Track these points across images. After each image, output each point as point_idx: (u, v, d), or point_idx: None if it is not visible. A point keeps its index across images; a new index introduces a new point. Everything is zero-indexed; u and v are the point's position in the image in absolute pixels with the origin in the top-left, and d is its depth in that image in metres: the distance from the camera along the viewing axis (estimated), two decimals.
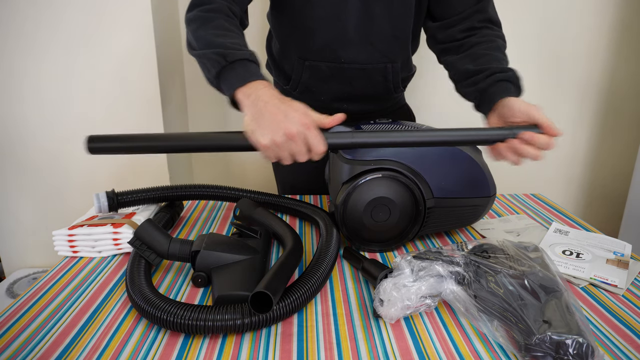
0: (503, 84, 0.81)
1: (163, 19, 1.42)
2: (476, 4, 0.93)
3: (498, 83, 0.81)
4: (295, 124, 0.66)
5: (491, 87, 0.82)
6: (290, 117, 0.67)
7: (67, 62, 1.34)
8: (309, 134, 0.67)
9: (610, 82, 1.76)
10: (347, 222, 0.79)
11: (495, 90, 0.81)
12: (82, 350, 0.55)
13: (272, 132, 0.66)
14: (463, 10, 0.93)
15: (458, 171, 0.81)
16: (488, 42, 0.90)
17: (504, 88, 0.80)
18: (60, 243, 0.79)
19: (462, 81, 0.89)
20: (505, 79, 0.81)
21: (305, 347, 0.56)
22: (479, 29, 0.92)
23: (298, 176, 1.17)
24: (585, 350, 0.50)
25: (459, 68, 0.90)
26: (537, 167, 1.86)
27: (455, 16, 0.94)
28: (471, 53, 0.90)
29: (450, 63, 0.94)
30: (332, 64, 1.01)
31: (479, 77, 0.84)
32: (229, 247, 0.70)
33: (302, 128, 0.66)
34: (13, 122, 1.39)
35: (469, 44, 0.92)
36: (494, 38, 0.91)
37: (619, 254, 0.79)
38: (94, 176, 1.45)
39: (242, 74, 0.73)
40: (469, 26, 0.93)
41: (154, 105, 1.39)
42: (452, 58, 0.94)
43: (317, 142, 0.67)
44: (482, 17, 0.93)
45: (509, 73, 0.82)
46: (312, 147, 0.68)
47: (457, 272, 0.63)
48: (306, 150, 0.68)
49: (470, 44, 0.91)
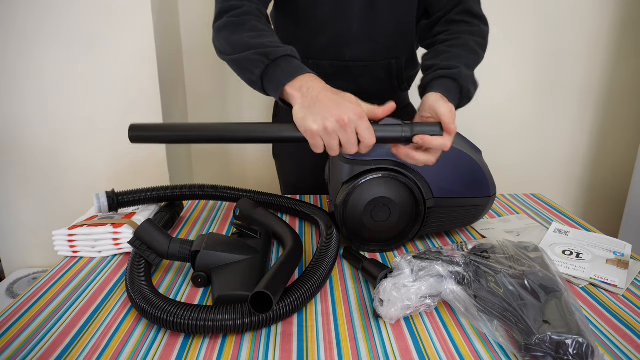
0: (441, 80, 0.79)
1: (163, 19, 1.42)
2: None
3: (437, 79, 0.79)
4: (348, 112, 0.65)
5: (430, 83, 0.80)
6: (344, 106, 0.66)
7: (68, 62, 1.34)
8: (361, 124, 0.66)
9: (610, 82, 1.76)
10: (347, 222, 0.79)
11: (431, 85, 0.78)
12: (82, 350, 0.55)
13: (323, 118, 0.65)
14: (444, 5, 0.93)
15: (458, 171, 0.81)
16: (455, 39, 0.88)
17: (440, 84, 0.78)
18: (60, 243, 0.79)
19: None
20: (446, 76, 0.79)
21: (305, 347, 0.56)
22: (456, 22, 0.91)
23: (301, 176, 1.17)
24: (585, 350, 0.50)
25: (422, 64, 0.89)
26: (537, 167, 1.87)
27: (438, 12, 0.94)
28: (435, 49, 0.88)
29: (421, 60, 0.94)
30: (337, 62, 1.01)
31: (427, 73, 0.83)
32: (229, 247, 0.70)
33: (355, 117, 0.65)
34: (14, 122, 1.39)
35: (438, 41, 0.90)
36: (463, 35, 0.88)
37: (619, 254, 0.79)
38: (94, 176, 1.45)
39: (289, 70, 0.72)
40: (447, 20, 0.92)
41: (154, 105, 1.39)
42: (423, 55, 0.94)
43: (369, 133, 0.66)
44: (460, 10, 0.91)
45: (452, 70, 0.79)
46: (363, 138, 0.66)
47: (457, 272, 0.63)
48: (356, 140, 0.66)
49: (438, 42, 0.90)
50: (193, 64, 1.66)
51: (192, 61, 1.65)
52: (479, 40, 0.89)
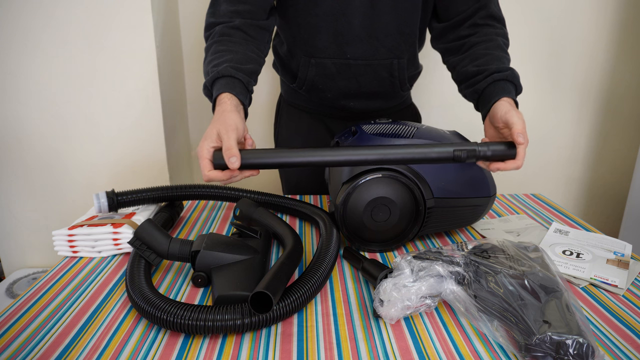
0: (500, 83, 0.81)
1: (163, 19, 1.42)
2: (478, 1, 0.92)
3: (495, 83, 0.81)
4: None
5: (488, 88, 0.81)
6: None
7: (68, 62, 1.34)
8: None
9: (610, 82, 1.76)
10: (347, 222, 0.79)
11: (491, 90, 0.81)
12: (82, 350, 0.55)
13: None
14: (466, 9, 0.93)
15: (458, 171, 0.81)
16: (488, 41, 0.89)
17: (501, 88, 0.80)
18: (60, 243, 0.79)
19: (463, 83, 0.89)
20: (503, 79, 0.81)
21: (305, 347, 0.56)
22: (480, 26, 0.92)
23: (303, 175, 1.17)
24: (585, 350, 0.50)
25: (459, 69, 0.91)
26: (537, 167, 1.87)
27: (458, 16, 0.94)
28: (471, 54, 0.90)
29: (452, 64, 0.95)
30: (338, 60, 1.01)
31: (478, 78, 0.84)
32: (229, 247, 0.70)
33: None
34: (13, 122, 1.39)
35: (469, 44, 0.91)
36: (494, 36, 0.90)
37: (619, 254, 0.79)
38: (94, 176, 1.45)
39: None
40: (471, 24, 0.93)
41: (154, 105, 1.39)
42: (453, 59, 0.95)
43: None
44: (484, 14, 0.92)
45: (506, 72, 0.81)
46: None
47: (457, 272, 0.63)
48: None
49: (470, 44, 0.91)
50: (193, 63, 1.66)
51: (192, 61, 1.65)
52: (505, 41, 0.91)
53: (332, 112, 1.13)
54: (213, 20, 0.88)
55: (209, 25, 0.89)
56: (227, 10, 0.88)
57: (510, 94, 0.79)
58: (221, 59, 0.81)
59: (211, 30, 0.88)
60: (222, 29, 0.86)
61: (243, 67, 0.80)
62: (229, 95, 0.76)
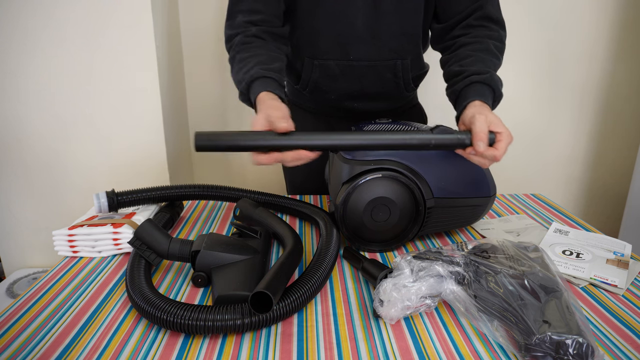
0: (476, 86, 0.80)
1: (163, 18, 1.42)
2: (475, 2, 0.92)
3: (471, 85, 0.80)
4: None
5: (464, 90, 0.81)
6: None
7: (68, 62, 1.34)
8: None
9: (610, 82, 1.76)
10: (347, 222, 0.79)
11: (466, 92, 0.80)
12: (82, 350, 0.55)
13: None
14: (462, 9, 0.93)
15: (458, 171, 0.81)
16: (476, 43, 0.88)
17: (475, 90, 0.79)
18: (60, 243, 0.79)
19: (447, 82, 0.89)
20: (480, 81, 0.80)
21: (305, 347, 0.56)
22: (474, 27, 0.92)
23: (306, 176, 1.17)
24: (585, 350, 0.50)
25: (446, 69, 0.90)
26: (537, 167, 1.87)
27: (455, 16, 0.94)
28: (458, 54, 0.89)
29: (442, 63, 0.94)
30: (341, 61, 1.01)
31: (457, 79, 0.84)
32: (229, 247, 0.70)
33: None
34: (13, 122, 1.39)
35: (459, 44, 0.91)
36: (485, 39, 0.89)
37: (619, 254, 0.79)
38: (94, 176, 1.45)
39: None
40: (466, 25, 0.92)
41: (154, 105, 1.39)
42: (443, 58, 0.94)
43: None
44: (479, 15, 0.91)
45: (485, 75, 0.81)
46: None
47: (457, 272, 0.63)
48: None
49: (459, 44, 0.91)
50: (193, 63, 1.66)
51: (192, 61, 1.65)
52: (498, 45, 0.90)
53: (336, 112, 1.13)
54: (231, 32, 0.92)
55: (229, 37, 0.92)
56: (242, 21, 0.91)
57: (484, 97, 0.78)
58: (249, 65, 0.84)
59: (231, 42, 0.92)
60: (241, 38, 0.90)
61: (271, 66, 0.84)
62: (266, 93, 0.79)
